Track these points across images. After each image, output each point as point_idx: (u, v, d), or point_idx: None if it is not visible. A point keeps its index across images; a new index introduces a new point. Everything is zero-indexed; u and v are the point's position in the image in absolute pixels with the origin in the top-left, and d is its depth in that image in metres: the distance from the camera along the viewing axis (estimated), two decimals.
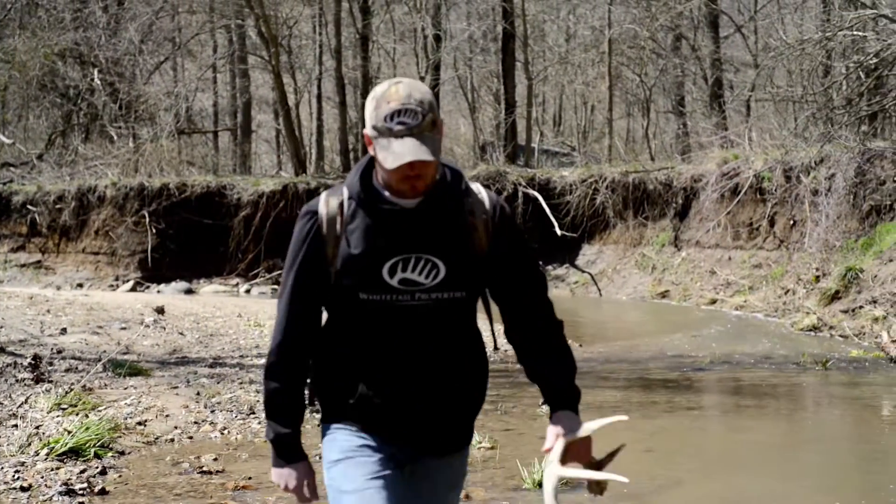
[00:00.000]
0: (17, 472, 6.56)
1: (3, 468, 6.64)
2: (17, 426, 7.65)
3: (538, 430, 8.36)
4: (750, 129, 25.17)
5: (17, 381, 9.28)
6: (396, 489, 3.03)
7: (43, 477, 6.52)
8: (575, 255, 25.95)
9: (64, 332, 12.80)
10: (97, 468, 6.84)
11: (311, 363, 3.14)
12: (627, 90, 38.72)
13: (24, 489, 6.25)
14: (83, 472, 6.72)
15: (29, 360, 9.92)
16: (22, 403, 8.29)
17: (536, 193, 26.14)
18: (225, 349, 12.84)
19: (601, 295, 23.67)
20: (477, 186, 3.12)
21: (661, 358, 13.45)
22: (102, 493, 6.37)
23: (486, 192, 3.12)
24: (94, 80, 34.39)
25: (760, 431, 9.04)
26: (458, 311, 3.07)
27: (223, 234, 27.52)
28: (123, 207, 28.44)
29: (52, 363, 10.32)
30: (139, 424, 8.16)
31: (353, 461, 3.04)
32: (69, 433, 7.18)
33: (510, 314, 3.16)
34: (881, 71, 18.35)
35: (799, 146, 20.48)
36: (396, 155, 2.84)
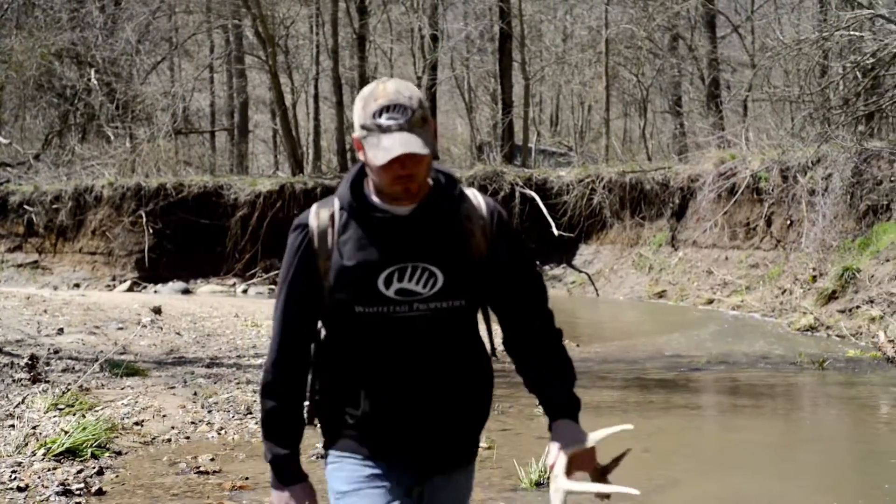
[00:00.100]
0: (13, 472, 6.55)
1: None
2: (13, 426, 7.64)
3: (535, 429, 8.37)
4: (747, 129, 25.17)
5: (13, 381, 9.27)
6: None
7: (40, 477, 6.51)
8: (572, 255, 25.95)
9: (61, 332, 12.78)
10: (94, 468, 6.84)
11: (309, 381, 3.04)
12: (624, 90, 38.80)
13: (20, 489, 6.25)
14: (80, 472, 6.72)
15: (26, 360, 9.90)
16: (19, 404, 8.28)
17: (533, 193, 26.15)
18: (222, 349, 12.83)
19: (598, 295, 23.66)
20: (472, 191, 3.01)
21: (658, 358, 13.45)
22: (99, 493, 6.37)
23: (482, 196, 3.01)
24: (90, 80, 34.36)
25: (757, 431, 9.05)
26: (458, 320, 2.95)
27: (220, 234, 27.50)
28: (120, 207, 28.40)
29: (48, 363, 10.31)
30: (136, 424, 8.16)
31: (361, 493, 2.93)
32: (66, 433, 7.18)
33: (509, 323, 3.05)
34: (878, 71, 18.36)
35: (796, 146, 20.48)
36: (386, 150, 2.71)
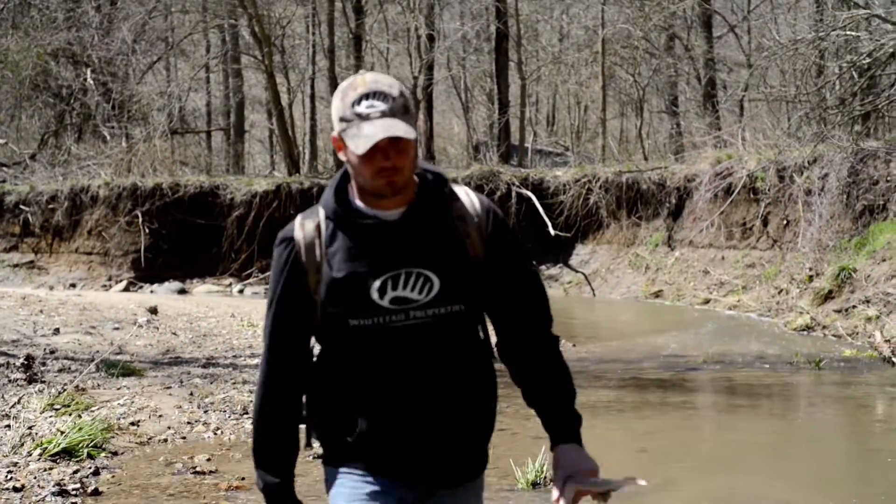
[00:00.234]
0: (9, 472, 6.54)
1: None
2: (9, 426, 7.63)
3: (532, 429, 8.35)
4: (743, 128, 25.16)
5: (9, 381, 9.26)
6: None
7: (36, 477, 6.50)
8: (568, 254, 25.95)
9: (57, 332, 12.76)
10: (90, 468, 6.83)
11: (305, 400, 2.88)
12: (621, 90, 38.81)
13: (16, 490, 6.24)
14: (76, 472, 6.71)
15: (22, 360, 9.90)
16: (15, 404, 8.27)
17: (530, 193, 26.13)
18: (218, 349, 12.82)
19: (595, 295, 23.67)
20: (464, 189, 2.87)
21: (654, 358, 13.44)
22: (95, 493, 6.37)
23: (474, 194, 2.86)
24: (86, 79, 34.34)
25: (753, 431, 9.05)
26: (457, 326, 2.79)
27: (216, 234, 27.47)
28: (116, 207, 28.37)
29: (44, 363, 10.29)
30: (132, 425, 8.15)
31: None
32: (62, 433, 7.17)
33: (506, 327, 2.90)
34: (874, 71, 18.36)
35: (792, 146, 20.47)
36: (368, 137, 2.58)
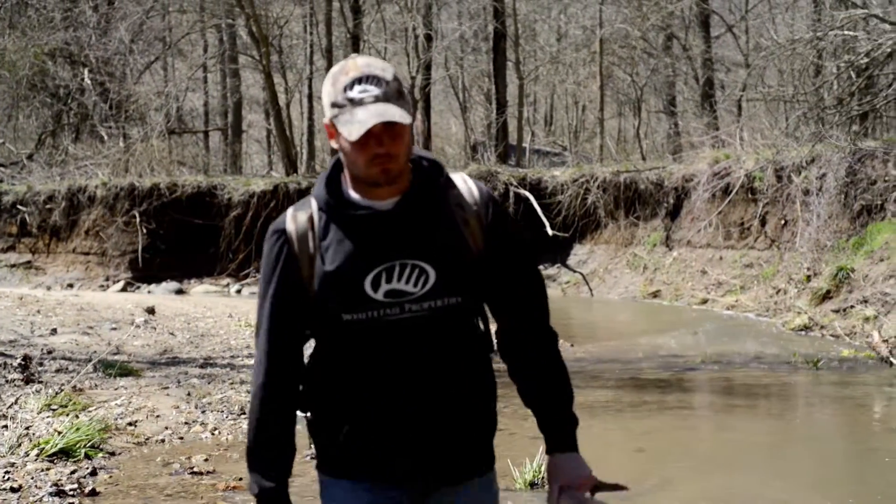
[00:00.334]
0: (6, 472, 6.53)
1: None
2: (6, 427, 7.61)
3: (529, 430, 8.32)
4: (741, 128, 25.14)
5: (6, 381, 9.25)
6: None
7: (33, 478, 6.49)
8: (566, 254, 25.93)
9: (54, 332, 12.74)
10: (87, 469, 6.82)
11: (302, 400, 2.79)
12: (619, 90, 38.81)
13: (13, 490, 6.23)
14: (73, 472, 6.70)
15: (19, 360, 9.88)
16: (12, 404, 8.25)
17: (528, 193, 26.11)
18: (216, 349, 12.80)
19: (592, 295, 23.66)
20: (461, 176, 2.77)
21: (652, 358, 13.43)
22: (93, 493, 6.36)
23: (473, 182, 2.76)
24: (84, 79, 34.33)
25: (751, 431, 9.05)
26: (455, 319, 2.69)
27: (214, 234, 27.44)
28: (114, 207, 28.34)
29: (42, 364, 10.28)
30: (130, 425, 8.14)
31: None
32: (59, 434, 7.16)
33: (504, 322, 2.82)
34: (872, 70, 18.37)
35: (790, 146, 20.46)
36: (361, 122, 2.48)
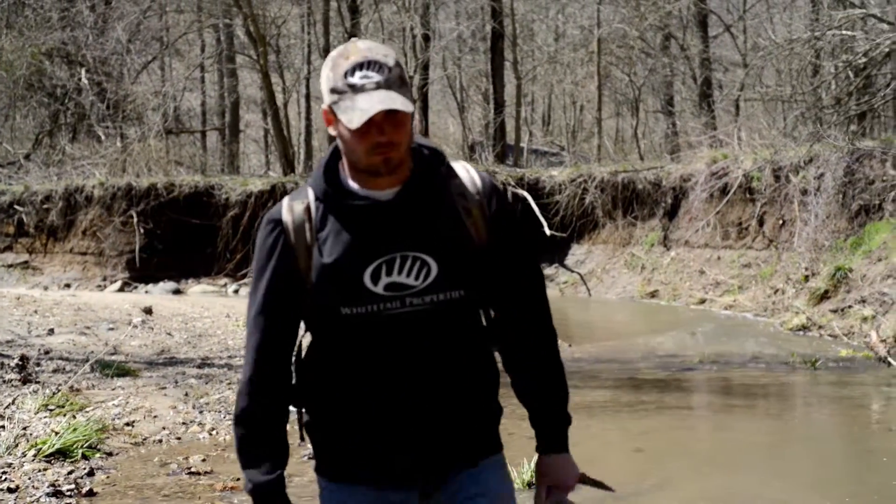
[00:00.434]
0: (3, 473, 6.52)
1: None
2: (3, 427, 7.60)
3: (527, 429, 8.32)
4: (739, 128, 25.15)
5: (4, 381, 9.23)
6: None
7: (30, 478, 6.48)
8: (564, 254, 25.91)
9: (51, 332, 12.74)
10: (85, 469, 6.81)
11: (297, 397, 2.69)
12: (616, 90, 38.79)
13: (10, 490, 6.21)
14: (71, 473, 6.69)
15: (16, 360, 9.86)
16: (9, 405, 8.24)
17: (525, 193, 26.09)
18: (213, 349, 12.79)
19: (590, 295, 23.65)
20: (463, 165, 2.68)
21: (650, 358, 13.43)
22: (90, 494, 6.34)
23: (475, 171, 2.66)
24: (81, 79, 34.28)
25: (749, 431, 9.04)
26: (457, 314, 2.60)
27: (211, 234, 27.42)
28: (111, 207, 28.30)
29: (39, 364, 10.27)
30: (127, 425, 8.13)
31: None
32: (56, 434, 7.15)
33: (502, 315, 2.74)
34: (870, 70, 18.39)
35: (788, 146, 20.48)
36: (363, 110, 2.38)
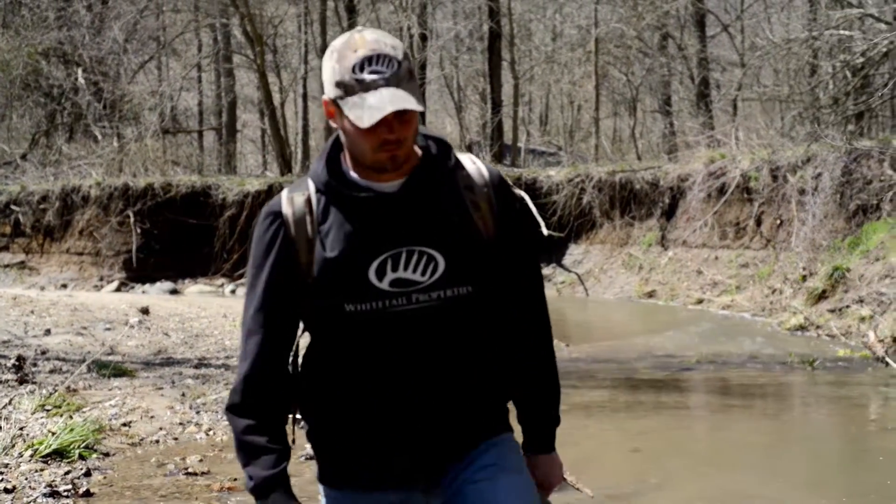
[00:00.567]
0: (0, 473, 6.50)
1: None
2: (0, 428, 7.58)
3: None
4: (736, 128, 25.17)
5: (0, 382, 9.21)
6: None
7: (27, 478, 6.46)
8: (561, 254, 25.90)
9: (48, 332, 12.71)
10: (82, 470, 6.79)
11: (296, 397, 2.63)
12: (614, 89, 38.75)
13: (7, 491, 6.19)
14: (67, 473, 6.67)
15: (13, 361, 9.85)
16: (6, 405, 8.21)
17: (523, 193, 26.05)
18: (210, 350, 12.77)
19: (588, 295, 23.65)
20: (469, 157, 2.61)
21: (647, 358, 13.42)
22: (87, 494, 6.32)
23: (482, 163, 2.60)
24: (78, 79, 34.25)
25: (747, 431, 9.03)
26: (466, 311, 2.52)
27: (208, 234, 27.39)
28: (108, 207, 28.28)
29: (36, 364, 10.25)
30: (124, 426, 8.10)
31: None
32: (53, 434, 7.12)
33: (500, 313, 2.65)
34: (867, 70, 18.38)
35: (786, 145, 20.49)
36: (373, 109, 2.29)
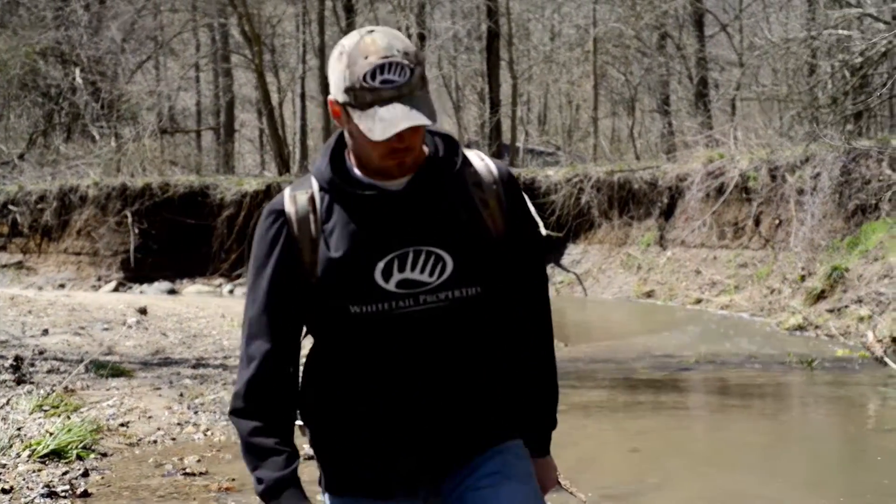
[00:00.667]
0: None
1: None
2: None
3: None
4: (735, 128, 25.15)
5: None
6: None
7: (24, 479, 6.44)
8: (560, 254, 25.91)
9: (46, 333, 12.69)
10: (79, 470, 6.77)
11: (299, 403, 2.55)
12: (612, 89, 38.76)
13: (5, 491, 6.18)
14: (65, 474, 6.65)
15: (10, 361, 9.83)
16: (3, 405, 8.20)
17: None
18: (208, 350, 12.75)
19: (586, 295, 23.63)
20: (476, 153, 2.54)
21: (646, 358, 13.41)
22: (85, 495, 6.30)
23: (490, 159, 2.53)
24: (75, 79, 34.23)
25: (745, 431, 9.02)
26: (474, 312, 2.45)
27: (206, 234, 27.38)
28: (105, 207, 28.27)
29: (33, 364, 10.23)
30: (122, 426, 8.09)
31: None
32: (51, 435, 7.11)
33: (505, 313, 2.57)
34: (866, 70, 18.36)
35: (784, 145, 20.48)
36: (387, 122, 2.24)
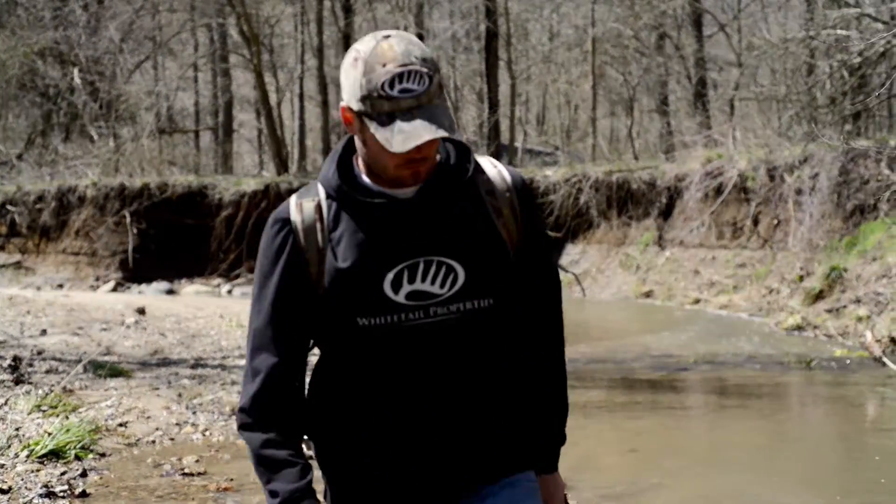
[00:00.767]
0: None
1: None
2: None
3: None
4: (734, 128, 25.16)
5: None
6: None
7: (23, 479, 6.43)
8: (559, 254, 25.91)
9: (44, 333, 12.68)
10: (78, 470, 6.76)
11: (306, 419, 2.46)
12: (611, 89, 38.76)
13: (3, 492, 6.17)
14: (64, 474, 6.64)
15: (9, 361, 9.81)
16: (2, 405, 8.18)
17: None
18: (207, 350, 12.74)
19: (585, 295, 23.63)
20: (489, 160, 2.46)
21: (644, 358, 13.42)
22: (83, 495, 6.29)
23: (503, 166, 2.45)
24: (74, 79, 34.26)
25: (744, 431, 9.03)
26: (486, 325, 2.36)
27: (205, 234, 27.40)
28: (104, 207, 28.28)
29: (32, 364, 10.21)
30: (120, 426, 8.08)
31: None
32: (49, 435, 7.10)
33: (518, 322, 2.48)
34: (865, 70, 18.39)
35: (783, 145, 20.49)
36: (406, 134, 2.16)
